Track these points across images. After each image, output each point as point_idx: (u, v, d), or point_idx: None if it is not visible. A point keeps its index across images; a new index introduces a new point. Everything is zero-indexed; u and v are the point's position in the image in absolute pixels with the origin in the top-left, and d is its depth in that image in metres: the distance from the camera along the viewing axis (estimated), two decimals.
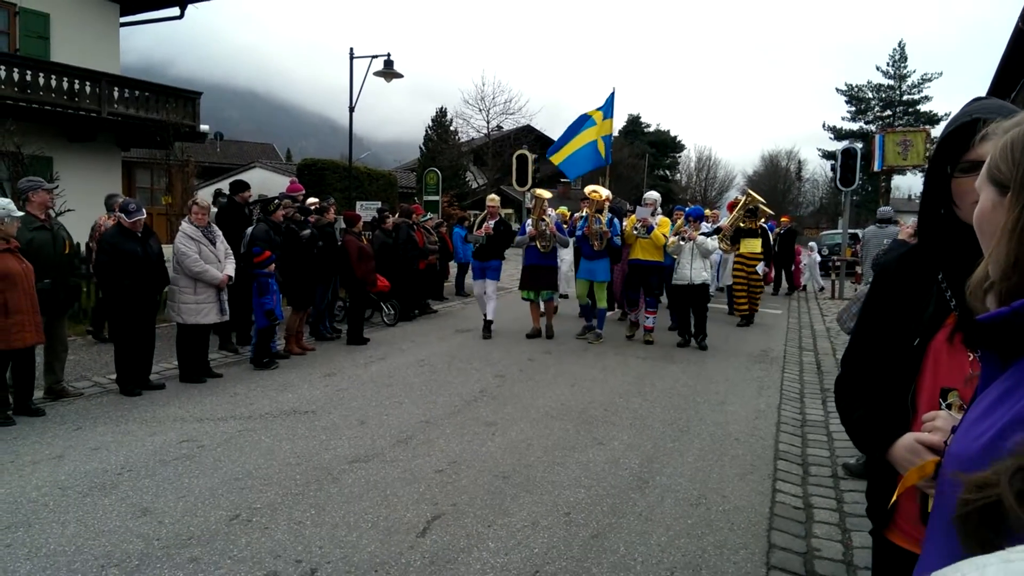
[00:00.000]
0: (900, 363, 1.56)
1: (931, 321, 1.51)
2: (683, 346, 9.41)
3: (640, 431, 5.77)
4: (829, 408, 6.73)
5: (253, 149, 40.23)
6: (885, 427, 1.48)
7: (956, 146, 1.41)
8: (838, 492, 4.65)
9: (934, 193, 1.48)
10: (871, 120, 52.39)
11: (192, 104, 17.27)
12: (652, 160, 50.38)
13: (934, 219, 1.49)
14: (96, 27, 16.42)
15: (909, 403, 1.53)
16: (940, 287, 1.51)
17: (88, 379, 7.07)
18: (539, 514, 4.11)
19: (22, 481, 4.41)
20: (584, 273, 9.71)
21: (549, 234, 9.51)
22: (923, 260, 1.57)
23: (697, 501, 4.37)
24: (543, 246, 9.55)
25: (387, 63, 15.85)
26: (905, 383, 1.55)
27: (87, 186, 14.04)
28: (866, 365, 1.66)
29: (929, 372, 1.51)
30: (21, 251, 5.74)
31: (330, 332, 9.77)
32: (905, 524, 1.58)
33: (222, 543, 3.65)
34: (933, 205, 1.49)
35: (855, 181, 15.94)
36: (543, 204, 9.65)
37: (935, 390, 1.49)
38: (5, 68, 13.54)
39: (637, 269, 9.59)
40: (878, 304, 1.67)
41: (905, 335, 1.55)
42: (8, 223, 5.58)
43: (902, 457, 1.39)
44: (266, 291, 7.80)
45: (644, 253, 9.47)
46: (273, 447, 5.18)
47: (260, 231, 7.94)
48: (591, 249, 9.50)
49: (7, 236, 5.61)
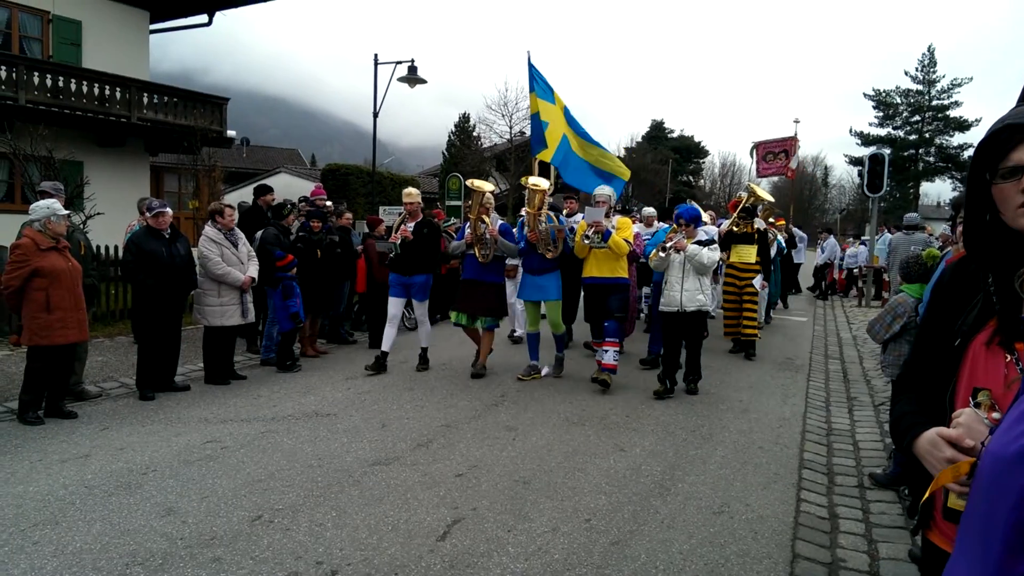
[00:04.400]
0: (942, 364, 1.61)
1: (974, 324, 1.55)
2: (662, 396, 6.91)
3: (662, 438, 5.72)
4: (856, 417, 6.63)
5: (279, 154, 40.66)
6: (917, 421, 1.52)
7: (993, 153, 1.43)
8: (864, 502, 4.58)
9: (976, 201, 1.50)
10: (899, 126, 51.76)
11: (219, 110, 17.53)
12: (675, 166, 50.15)
13: (980, 226, 1.51)
14: (127, 34, 16.72)
15: (947, 402, 1.57)
16: (987, 291, 1.53)
17: (115, 380, 7.17)
18: (559, 520, 4.08)
19: (50, 480, 4.48)
20: (531, 291, 7.63)
21: (490, 239, 7.49)
22: (971, 266, 1.61)
23: (720, 509, 4.32)
24: (482, 255, 7.52)
25: (411, 69, 15.95)
26: (945, 383, 1.59)
27: (116, 190, 14.32)
28: (917, 367, 1.73)
29: (967, 373, 1.54)
30: None
31: (350, 336, 9.81)
32: (943, 524, 1.57)
33: (244, 543, 3.67)
34: (977, 212, 1.51)
35: (883, 187, 15.71)
36: (482, 200, 7.51)
37: (970, 390, 1.52)
38: (38, 74, 13.83)
39: (592, 290, 7.41)
40: (933, 311, 1.74)
41: (950, 337, 1.60)
42: (55, 222, 5.74)
43: (924, 450, 1.43)
44: (291, 294, 7.87)
45: (600, 268, 7.25)
46: (295, 449, 5.21)
47: (269, 235, 8.03)
48: (539, 260, 7.48)
49: (56, 235, 5.76)
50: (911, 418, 1.57)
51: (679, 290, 6.93)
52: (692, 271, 6.91)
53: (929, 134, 50.61)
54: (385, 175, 24.53)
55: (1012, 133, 1.38)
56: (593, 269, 7.30)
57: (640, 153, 48.35)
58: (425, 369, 7.98)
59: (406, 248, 7.76)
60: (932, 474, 1.37)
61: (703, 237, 7.05)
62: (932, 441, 1.39)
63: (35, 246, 5.65)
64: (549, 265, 7.49)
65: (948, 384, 1.58)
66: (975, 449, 1.27)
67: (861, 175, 16.88)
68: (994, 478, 1.02)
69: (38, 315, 5.63)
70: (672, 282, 7.00)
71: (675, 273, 6.97)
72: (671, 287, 7.00)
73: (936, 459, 1.37)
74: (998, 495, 0.99)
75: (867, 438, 5.96)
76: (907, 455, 1.52)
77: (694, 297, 6.90)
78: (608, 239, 7.02)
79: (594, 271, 7.29)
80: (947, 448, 1.33)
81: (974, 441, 1.28)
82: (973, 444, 1.28)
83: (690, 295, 6.90)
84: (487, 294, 7.60)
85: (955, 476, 1.25)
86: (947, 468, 1.29)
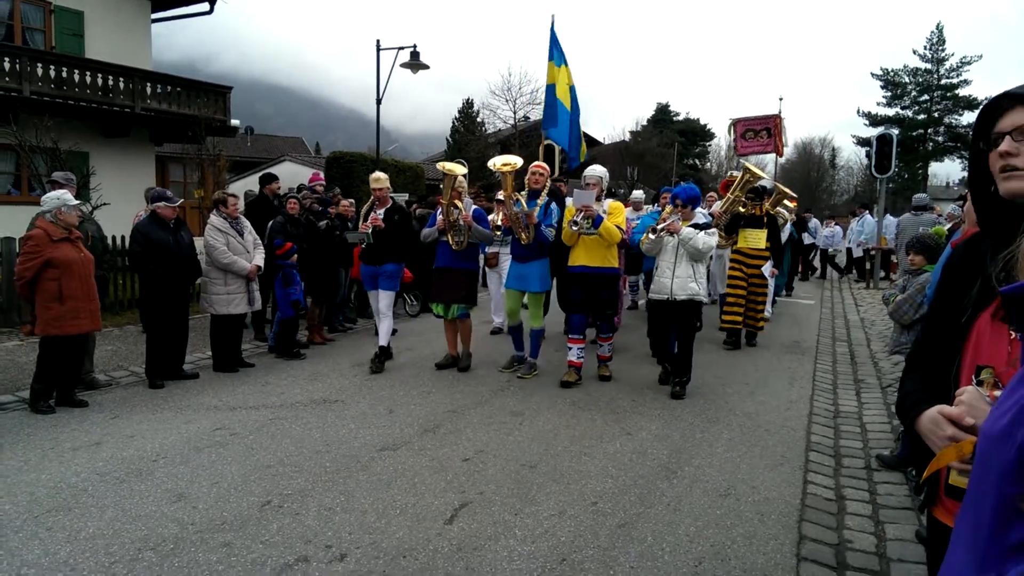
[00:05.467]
0: (949, 341, 1.61)
1: (979, 299, 1.55)
2: (665, 381, 6.81)
3: (668, 422, 5.74)
4: (863, 399, 6.63)
5: (283, 143, 40.59)
6: (921, 398, 1.52)
7: (989, 123, 1.45)
8: (871, 484, 4.58)
9: (977, 174, 1.51)
10: (908, 105, 51.26)
11: (223, 99, 17.52)
12: (681, 149, 49.87)
13: (986, 199, 1.52)
14: (129, 23, 16.70)
15: (952, 380, 1.57)
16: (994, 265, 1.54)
17: (125, 368, 7.22)
18: (566, 503, 4.11)
19: (62, 467, 4.53)
20: (513, 281, 7.12)
21: (464, 225, 7.08)
22: (980, 245, 1.61)
23: (726, 492, 4.34)
24: (456, 242, 7.12)
25: (413, 55, 15.87)
26: (950, 360, 1.59)
27: (122, 180, 14.36)
28: (926, 345, 1.74)
29: (971, 350, 1.54)
30: None
31: (342, 325, 9.74)
32: (947, 501, 1.58)
33: (254, 528, 3.71)
34: (980, 185, 1.52)
35: (891, 168, 15.61)
36: (455, 184, 7.01)
37: (974, 367, 1.52)
38: (42, 65, 13.83)
39: (581, 281, 6.76)
40: (941, 289, 1.74)
41: (957, 315, 1.60)
42: (66, 212, 5.76)
43: (926, 428, 1.44)
44: (291, 281, 7.91)
45: (590, 256, 6.65)
46: (303, 435, 5.24)
47: (276, 223, 8.07)
48: (520, 246, 7.00)
49: (68, 225, 5.79)
50: (916, 395, 1.57)
51: (670, 276, 6.35)
52: (686, 256, 6.33)
53: (938, 113, 50.12)
54: (389, 162, 24.47)
55: (1008, 102, 1.41)
56: (582, 257, 6.68)
57: (645, 136, 48.01)
58: (379, 371, 7.27)
59: (378, 237, 7.39)
60: (934, 452, 1.37)
61: (701, 220, 6.61)
62: (933, 419, 1.40)
63: (47, 237, 5.68)
64: (532, 252, 6.91)
65: (952, 361, 1.58)
66: (975, 427, 1.28)
67: (869, 156, 16.76)
68: (983, 454, 1.03)
69: (51, 305, 5.67)
70: (663, 267, 6.43)
71: (667, 258, 6.40)
72: (661, 272, 6.43)
73: (938, 437, 1.38)
74: (986, 470, 1.01)
75: (874, 420, 5.96)
76: (910, 433, 1.53)
77: (686, 285, 6.30)
78: (599, 225, 6.45)
79: (583, 259, 6.68)
80: (948, 426, 1.34)
81: (974, 419, 1.29)
82: (973, 422, 1.29)
83: (681, 283, 6.31)
84: (459, 281, 7.22)
85: (959, 455, 1.26)
86: (950, 447, 1.29)
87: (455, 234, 7.09)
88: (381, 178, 7.57)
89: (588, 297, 6.78)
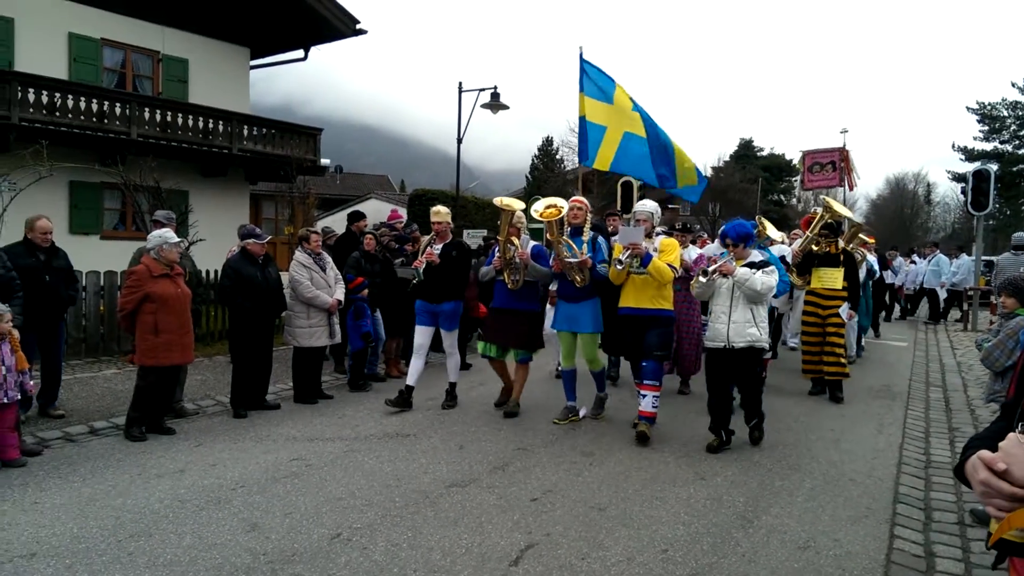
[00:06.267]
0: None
1: None
2: (715, 451, 5.90)
3: (746, 467, 5.53)
4: (957, 448, 6.22)
5: (370, 181, 42.03)
6: (979, 444, 1.45)
7: None
8: (964, 540, 4.28)
9: None
10: (1007, 140, 48.72)
11: (314, 140, 18.31)
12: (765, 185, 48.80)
13: None
14: (229, 70, 17.76)
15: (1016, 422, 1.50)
16: None
17: (212, 398, 7.53)
18: (635, 549, 4.00)
19: (147, 493, 4.74)
20: (563, 322, 6.75)
21: (520, 264, 6.76)
22: None
23: (806, 544, 4.13)
24: (512, 281, 6.82)
25: (494, 95, 16.25)
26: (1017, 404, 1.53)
27: (218, 217, 15.13)
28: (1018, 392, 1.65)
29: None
30: None
31: None
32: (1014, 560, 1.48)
33: (323, 561, 3.77)
34: None
35: (988, 205, 14.81)
36: (512, 220, 6.75)
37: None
38: (148, 110, 14.85)
39: (630, 323, 6.33)
40: None
41: None
42: (167, 249, 6.13)
43: (968, 472, 1.38)
44: (362, 315, 8.13)
45: (638, 297, 6.22)
46: (375, 468, 5.32)
47: (352, 259, 8.36)
48: (571, 286, 6.60)
49: (170, 262, 6.15)
50: (976, 441, 1.50)
51: (726, 322, 5.82)
52: (742, 299, 5.79)
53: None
54: (469, 199, 24.92)
55: None
56: (630, 299, 6.27)
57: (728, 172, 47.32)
58: (452, 407, 7.29)
59: (431, 273, 7.09)
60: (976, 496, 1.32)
61: (757, 258, 5.98)
62: (973, 463, 1.35)
63: (148, 272, 6.05)
64: (583, 292, 6.57)
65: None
66: (1008, 473, 1.22)
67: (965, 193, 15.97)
68: None
69: (147, 337, 6.01)
70: (718, 313, 5.91)
71: (721, 302, 5.89)
72: (716, 318, 5.91)
73: (974, 482, 1.32)
74: None
75: None
76: (960, 479, 1.47)
77: (743, 331, 5.76)
78: (648, 264, 6.02)
79: (631, 301, 6.26)
80: (982, 470, 1.29)
81: (1006, 465, 1.23)
82: (1005, 468, 1.24)
83: (739, 328, 5.77)
84: (519, 323, 6.89)
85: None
86: (1021, 510, 1.22)
87: (511, 272, 6.81)
88: (441, 211, 7.36)
89: (636, 340, 6.29)
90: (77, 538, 4.00)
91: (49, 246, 6.58)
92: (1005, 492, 1.25)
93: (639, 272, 6.13)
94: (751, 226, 6.19)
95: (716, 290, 5.91)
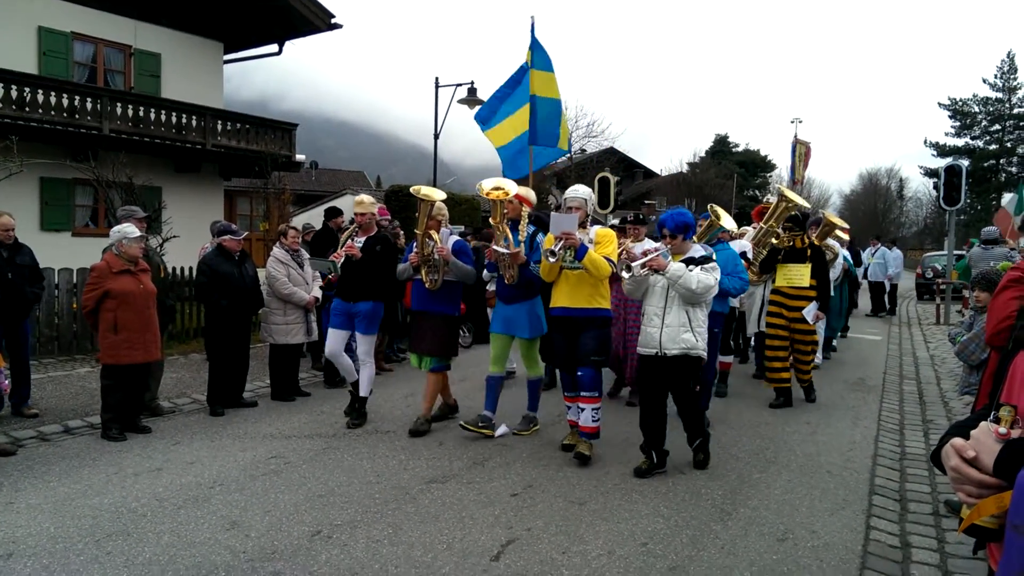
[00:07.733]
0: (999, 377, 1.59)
1: (1020, 336, 1.55)
2: (644, 475, 5.13)
3: (724, 461, 5.58)
4: (931, 440, 6.33)
5: (345, 176, 41.70)
6: (952, 433, 1.51)
7: None
8: (939, 531, 4.36)
9: None
10: (978, 135, 49.67)
11: (289, 135, 18.16)
12: (741, 180, 49.22)
13: None
14: (202, 64, 17.55)
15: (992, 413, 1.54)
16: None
17: (188, 396, 7.44)
18: (615, 543, 4.02)
19: (124, 492, 4.67)
20: (499, 324, 6.14)
21: (440, 260, 6.06)
22: None
23: (784, 536, 4.18)
24: (430, 280, 6.13)
25: (470, 91, 16.24)
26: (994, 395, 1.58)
27: (192, 213, 14.93)
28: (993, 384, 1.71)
29: (1006, 386, 1.52)
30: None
31: (396, 355, 9.88)
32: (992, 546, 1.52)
33: (303, 558, 3.75)
34: None
35: (960, 200, 15.08)
36: (430, 211, 6.09)
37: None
38: (120, 104, 14.62)
39: (562, 325, 5.58)
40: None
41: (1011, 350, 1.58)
42: (127, 244, 6.01)
43: (942, 458, 1.43)
44: None
45: (573, 296, 5.43)
46: (355, 465, 5.30)
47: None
48: (510, 287, 5.95)
49: (132, 258, 6.04)
50: (956, 428, 1.55)
51: (659, 326, 5.04)
52: (678, 300, 5.02)
53: (1011, 143, 48.40)
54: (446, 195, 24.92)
55: None
56: (563, 298, 5.47)
57: (704, 168, 47.65)
58: (359, 425, 6.44)
59: (350, 269, 6.39)
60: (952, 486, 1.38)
61: (698, 253, 5.18)
62: (946, 450, 1.40)
63: (108, 269, 5.94)
64: (520, 292, 5.96)
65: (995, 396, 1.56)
66: (977, 460, 1.29)
67: (937, 188, 16.24)
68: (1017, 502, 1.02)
69: (107, 335, 5.91)
70: (650, 315, 5.13)
71: (655, 303, 5.11)
72: (648, 321, 5.13)
73: (947, 468, 1.38)
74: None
75: None
76: (937, 466, 1.52)
77: (677, 336, 4.99)
78: (583, 257, 5.20)
79: (564, 300, 5.46)
80: (953, 457, 1.35)
81: (975, 453, 1.30)
82: (973, 455, 1.30)
83: (672, 333, 5.00)
84: (435, 327, 6.18)
85: (999, 507, 1.23)
86: (991, 498, 1.27)
87: (429, 271, 6.10)
88: (365, 202, 6.61)
89: (570, 344, 5.53)
90: (54, 538, 3.94)
91: (12, 243, 6.45)
92: (974, 479, 1.30)
93: (573, 267, 5.35)
94: (691, 216, 5.39)
95: (650, 288, 5.18)
